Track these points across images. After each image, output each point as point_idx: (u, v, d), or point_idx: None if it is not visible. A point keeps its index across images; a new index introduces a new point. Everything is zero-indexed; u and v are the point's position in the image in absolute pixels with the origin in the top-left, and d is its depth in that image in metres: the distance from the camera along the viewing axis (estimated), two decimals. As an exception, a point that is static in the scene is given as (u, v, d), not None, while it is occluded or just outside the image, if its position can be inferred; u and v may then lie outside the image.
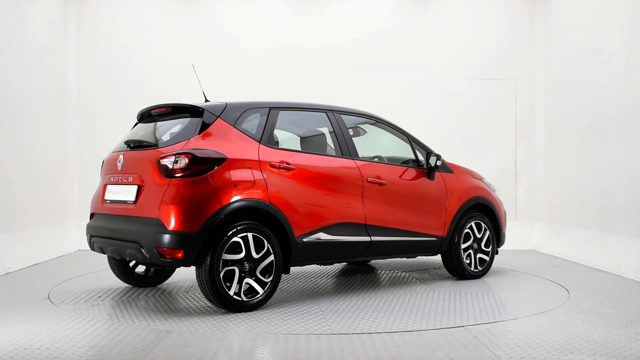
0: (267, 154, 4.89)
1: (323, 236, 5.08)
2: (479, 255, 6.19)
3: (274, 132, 5.25)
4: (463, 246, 6.04)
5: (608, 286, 5.87)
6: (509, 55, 9.17)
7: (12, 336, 4.00)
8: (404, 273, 6.64)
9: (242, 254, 4.63)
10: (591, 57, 7.63)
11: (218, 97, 7.74)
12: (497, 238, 6.40)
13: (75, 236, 8.58)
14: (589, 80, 7.69)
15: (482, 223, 6.19)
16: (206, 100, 5.38)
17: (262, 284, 4.75)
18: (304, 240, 4.96)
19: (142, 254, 4.61)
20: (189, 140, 4.68)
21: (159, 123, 5.24)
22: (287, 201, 4.86)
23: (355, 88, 8.96)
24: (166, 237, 4.44)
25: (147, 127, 5.30)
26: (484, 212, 6.33)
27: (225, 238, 4.55)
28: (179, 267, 4.71)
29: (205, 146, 4.66)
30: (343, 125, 5.51)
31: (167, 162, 4.59)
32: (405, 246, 5.72)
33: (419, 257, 6.05)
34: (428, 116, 9.07)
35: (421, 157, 5.94)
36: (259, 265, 4.71)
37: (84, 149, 8.89)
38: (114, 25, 9.00)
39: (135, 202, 4.77)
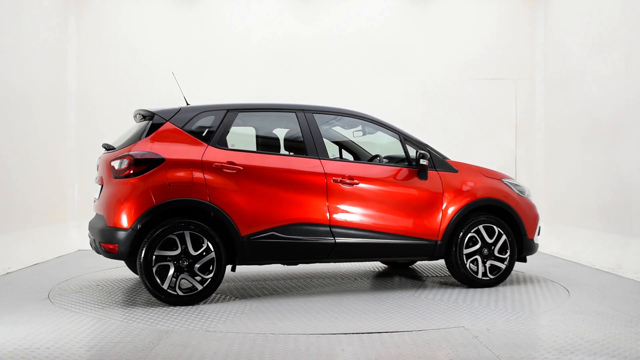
0: (214, 155, 5.04)
1: (276, 236, 5.07)
2: (491, 262, 5.63)
3: (268, 133, 5.56)
4: (467, 251, 5.55)
5: (608, 286, 5.87)
6: (509, 55, 9.17)
7: (12, 336, 4.01)
8: (407, 275, 6.63)
9: (178, 251, 4.86)
10: (591, 57, 7.64)
11: (216, 96, 7.76)
12: (521, 244, 5.77)
13: (75, 236, 8.58)
14: (589, 80, 7.70)
15: (495, 227, 5.62)
16: (187, 104, 5.54)
17: (202, 280, 4.92)
18: (252, 239, 5.02)
19: (97, 247, 5.11)
20: (136, 143, 5.00)
21: (137, 125, 5.44)
22: (230, 201, 4.97)
23: (355, 87, 8.96)
24: (104, 232, 4.92)
25: (129, 129, 5.57)
26: (501, 215, 5.76)
27: (158, 235, 4.79)
28: (119, 260, 5.00)
29: (150, 148, 4.96)
30: (313, 125, 5.41)
31: (115, 163, 4.98)
32: (387, 249, 5.39)
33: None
34: (427, 116, 9.07)
35: (414, 155, 5.62)
36: (197, 262, 4.88)
37: (84, 148, 8.88)
38: (114, 24, 9.00)
39: (98, 200, 5.25)
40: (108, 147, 5.39)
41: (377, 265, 7.16)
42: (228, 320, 4.47)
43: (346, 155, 6.14)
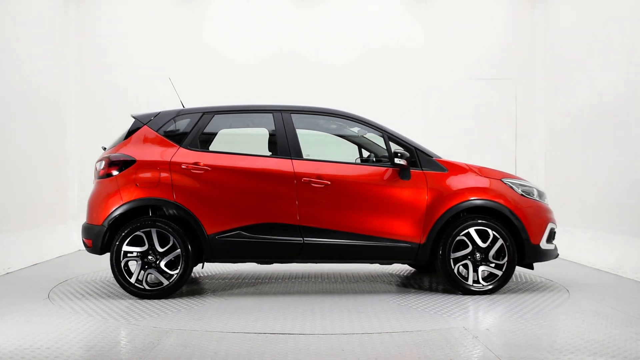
0: (183, 156, 5.26)
1: (243, 235, 5.17)
2: (484, 268, 5.30)
3: (243, 133, 5.85)
4: (454, 255, 5.27)
5: (608, 286, 5.87)
6: (509, 55, 9.17)
7: (12, 336, 4.01)
8: (408, 276, 6.63)
9: (145, 247, 5.14)
10: (591, 57, 7.63)
11: (217, 99, 7.75)
12: (522, 250, 5.36)
13: (75, 236, 8.55)
14: (589, 80, 7.69)
15: (489, 230, 5.29)
16: (183, 107, 5.76)
17: (169, 276, 5.17)
18: (218, 237, 5.17)
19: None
20: (117, 146, 5.40)
21: (125, 129, 5.70)
22: (196, 200, 5.18)
23: (355, 88, 8.96)
24: (83, 228, 5.40)
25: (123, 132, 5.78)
26: (500, 217, 5.37)
27: (125, 232, 5.11)
28: (95, 254, 5.31)
29: (127, 151, 5.31)
30: (289, 126, 5.41)
31: (97, 165, 5.43)
32: (362, 251, 5.26)
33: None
34: (428, 116, 9.07)
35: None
36: (163, 258, 5.15)
37: (84, 149, 8.89)
38: (113, 25, 9.00)
39: None
40: (104, 149, 5.66)
41: (385, 266, 7.16)
42: (228, 320, 4.47)
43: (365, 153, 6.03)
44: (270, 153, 5.52)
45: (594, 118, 7.54)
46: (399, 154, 5.24)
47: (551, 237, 5.56)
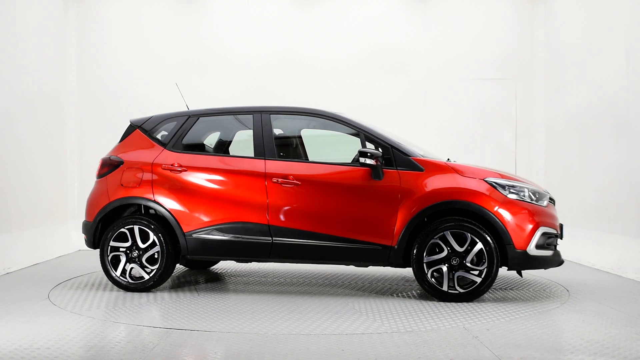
0: (165, 158, 5.56)
1: (215, 234, 5.36)
2: (461, 273, 5.00)
3: (224, 135, 6.09)
4: (428, 259, 5.02)
5: (608, 286, 5.88)
6: (509, 55, 9.17)
7: (12, 336, 4.01)
8: (407, 276, 6.64)
9: (129, 243, 5.48)
10: (591, 57, 7.64)
11: (215, 100, 7.77)
12: (505, 255, 5.00)
13: (75, 236, 8.57)
14: (589, 80, 7.70)
15: (467, 233, 4.97)
16: (188, 109, 5.98)
17: (150, 271, 5.46)
18: (193, 235, 5.40)
19: None
20: (114, 148, 5.82)
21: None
22: (173, 199, 5.45)
23: (354, 89, 8.96)
24: (83, 224, 5.80)
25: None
26: (480, 220, 5.04)
27: (112, 228, 5.49)
28: (90, 248, 5.69)
29: (118, 152, 5.72)
30: (267, 126, 5.49)
31: (98, 165, 5.82)
32: (331, 252, 5.18)
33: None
34: (428, 116, 9.07)
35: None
36: (144, 254, 5.46)
37: (84, 149, 8.89)
38: (114, 25, 9.00)
39: None
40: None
41: (397, 269, 7.14)
42: (228, 320, 4.47)
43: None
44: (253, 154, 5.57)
45: (593, 118, 7.55)
46: (368, 154, 5.08)
47: (543, 242, 5.14)
